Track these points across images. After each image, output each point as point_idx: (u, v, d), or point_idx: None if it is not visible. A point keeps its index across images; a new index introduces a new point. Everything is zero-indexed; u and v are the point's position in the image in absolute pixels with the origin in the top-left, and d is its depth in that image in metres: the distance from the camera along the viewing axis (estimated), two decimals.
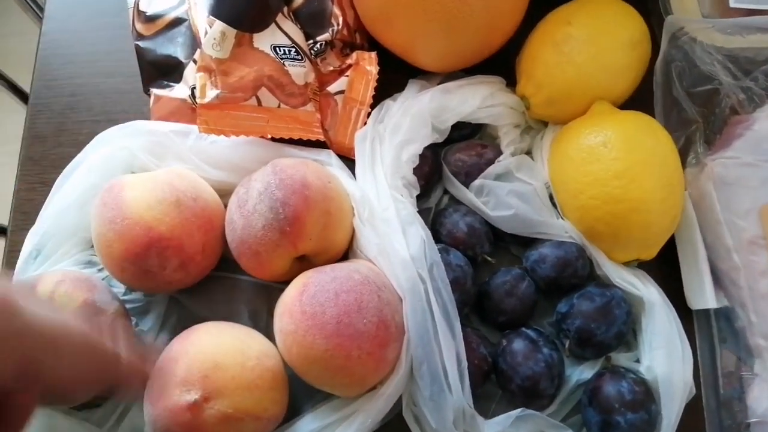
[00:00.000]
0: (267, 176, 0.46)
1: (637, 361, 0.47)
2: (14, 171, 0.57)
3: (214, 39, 0.49)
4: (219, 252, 0.49)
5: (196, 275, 0.48)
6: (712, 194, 0.48)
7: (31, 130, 0.57)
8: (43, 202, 0.50)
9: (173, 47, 0.54)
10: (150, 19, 0.55)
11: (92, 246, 0.51)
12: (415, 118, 0.50)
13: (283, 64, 0.51)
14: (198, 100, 0.48)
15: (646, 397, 0.44)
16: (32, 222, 0.50)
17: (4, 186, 0.64)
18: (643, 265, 0.49)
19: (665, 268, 0.50)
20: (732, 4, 0.52)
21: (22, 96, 0.95)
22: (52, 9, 0.62)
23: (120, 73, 0.59)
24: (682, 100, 0.50)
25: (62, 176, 0.51)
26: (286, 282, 0.47)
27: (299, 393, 0.47)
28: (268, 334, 0.46)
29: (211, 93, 0.49)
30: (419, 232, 0.46)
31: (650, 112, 0.51)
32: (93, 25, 0.61)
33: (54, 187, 0.50)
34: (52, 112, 0.58)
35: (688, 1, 0.52)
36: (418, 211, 0.49)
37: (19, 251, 0.50)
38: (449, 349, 0.43)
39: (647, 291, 0.46)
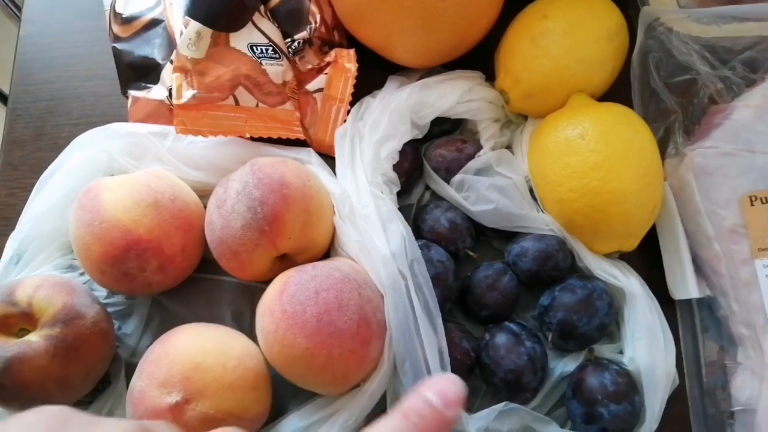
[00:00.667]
0: (245, 176, 0.46)
1: (620, 352, 0.47)
2: None
3: (190, 39, 0.49)
4: (199, 253, 0.49)
5: (176, 277, 0.48)
6: (692, 184, 0.48)
7: (10, 134, 0.57)
8: (23, 207, 0.50)
9: (150, 48, 0.54)
10: (126, 21, 0.54)
11: (73, 250, 0.51)
12: (393, 114, 0.50)
13: (260, 63, 0.51)
14: (174, 101, 0.48)
15: (629, 388, 0.44)
16: (13, 227, 0.50)
17: None
18: (625, 256, 0.49)
19: (647, 258, 0.50)
20: None
21: (4, 100, 0.94)
22: (29, 13, 0.62)
23: (98, 76, 0.59)
24: (660, 91, 0.50)
25: (41, 180, 0.50)
26: (269, 282, 0.46)
27: (284, 393, 0.47)
28: (252, 334, 0.46)
29: (188, 93, 0.48)
30: (399, 228, 0.46)
31: (628, 103, 0.51)
32: (71, 29, 0.61)
33: (33, 191, 0.50)
34: (30, 116, 0.58)
35: None
36: (400, 208, 0.49)
37: (0, 257, 0.49)
38: (431, 345, 0.43)
39: (628, 282, 0.46)
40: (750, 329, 0.46)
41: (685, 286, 0.48)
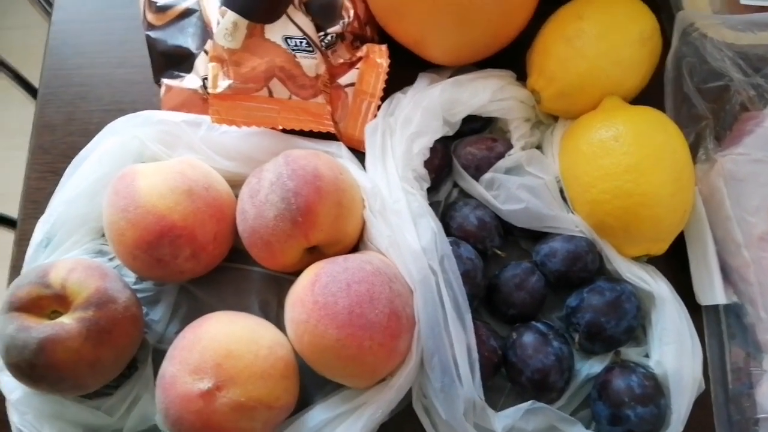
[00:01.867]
0: (279, 167, 0.46)
1: (647, 355, 0.47)
2: (21, 163, 0.57)
3: (226, 29, 0.49)
4: (230, 242, 0.49)
5: (207, 264, 0.48)
6: (722, 190, 0.48)
7: (41, 119, 0.57)
8: (53, 191, 0.50)
9: (184, 38, 0.54)
10: (161, 10, 0.55)
11: (102, 235, 0.51)
12: (426, 110, 0.50)
13: (295, 56, 0.51)
14: (210, 90, 0.49)
15: (655, 391, 0.44)
16: (42, 211, 0.50)
17: (12, 178, 0.64)
18: (652, 261, 0.49)
19: (674, 263, 0.50)
20: (742, 1, 0.52)
21: (29, 88, 0.94)
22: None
23: (130, 63, 0.59)
24: (693, 96, 0.51)
25: (72, 165, 0.51)
26: (296, 273, 0.47)
27: (309, 384, 0.47)
28: (278, 324, 0.46)
29: (223, 83, 0.49)
30: (430, 224, 0.46)
31: (660, 107, 0.51)
32: (103, 16, 0.61)
33: (64, 176, 0.50)
34: (61, 101, 0.58)
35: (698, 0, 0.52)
36: (429, 204, 0.50)
37: (29, 240, 0.50)
38: (460, 341, 0.43)
39: (657, 286, 0.47)
40: None
41: (712, 292, 0.48)
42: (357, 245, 0.50)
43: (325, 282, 0.43)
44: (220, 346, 0.42)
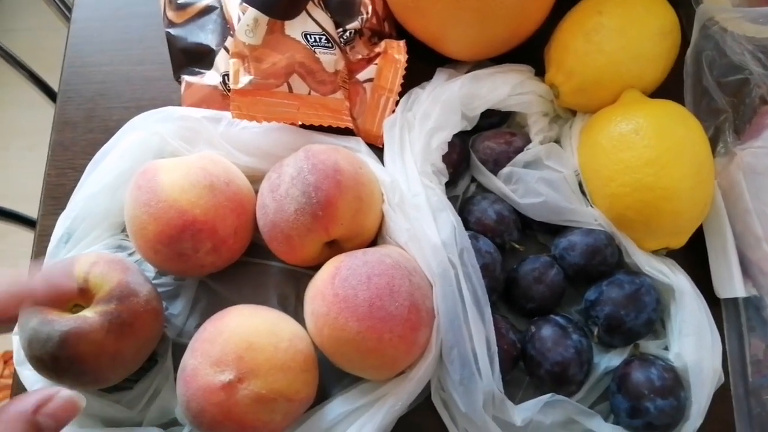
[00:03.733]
0: (299, 161, 0.46)
1: (666, 348, 0.47)
2: (38, 162, 0.57)
3: (247, 25, 0.49)
4: (250, 236, 0.50)
5: (227, 259, 0.49)
6: (741, 183, 0.48)
7: (62, 115, 0.58)
8: (73, 187, 0.51)
9: (204, 35, 0.55)
10: (181, 7, 0.55)
11: (123, 230, 0.52)
12: (445, 105, 0.50)
13: (314, 52, 0.51)
14: (231, 86, 0.49)
15: (675, 383, 0.44)
16: (62, 207, 0.50)
17: (25, 177, 0.65)
18: (671, 254, 0.49)
19: (693, 256, 0.50)
20: None
21: (45, 89, 0.96)
22: None
23: (149, 60, 0.60)
24: (712, 90, 0.50)
25: (93, 161, 0.51)
26: (315, 267, 0.47)
27: (328, 377, 0.47)
28: (297, 319, 0.47)
29: (245, 79, 0.49)
30: (450, 218, 0.46)
31: (679, 101, 0.51)
32: (123, 13, 0.62)
33: (85, 172, 0.51)
34: (82, 98, 0.59)
35: None
36: (447, 199, 0.50)
37: (50, 236, 0.50)
38: (479, 334, 0.44)
39: (677, 279, 0.47)
40: None
41: (731, 285, 0.48)
42: (375, 239, 0.50)
43: (345, 275, 0.43)
44: (241, 338, 0.42)
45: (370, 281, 0.43)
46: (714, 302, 0.49)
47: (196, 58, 0.55)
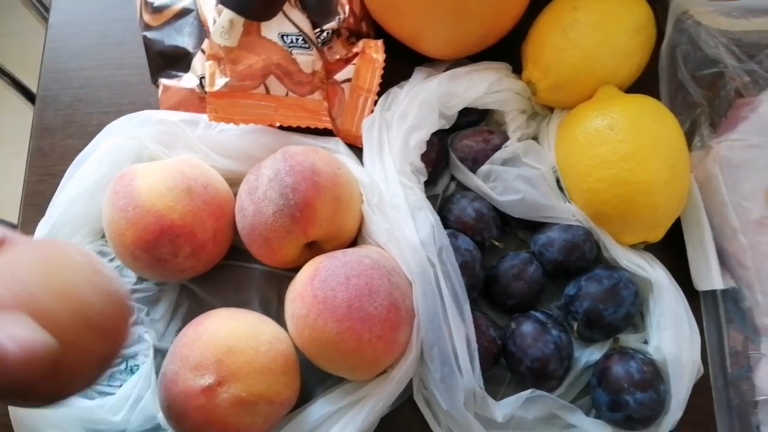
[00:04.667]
0: (277, 163, 0.46)
1: (645, 342, 0.48)
2: (18, 169, 0.57)
3: (223, 27, 0.49)
4: (229, 239, 0.50)
5: (207, 262, 0.49)
6: (718, 176, 0.49)
7: (40, 122, 0.58)
8: (53, 194, 0.51)
9: (181, 37, 0.54)
10: (157, 10, 0.55)
11: (102, 236, 0.52)
12: (422, 104, 0.50)
13: (291, 53, 0.51)
14: (207, 88, 0.49)
15: (654, 376, 0.44)
16: (42, 214, 0.50)
17: (10, 185, 0.64)
18: (649, 248, 0.50)
19: (671, 250, 0.51)
20: None
21: (27, 94, 0.95)
22: (59, 1, 0.62)
23: (128, 64, 0.60)
24: (688, 84, 0.51)
25: (72, 166, 0.51)
26: (296, 269, 0.47)
27: (310, 378, 0.48)
28: (279, 321, 0.47)
29: (221, 81, 0.49)
30: (428, 217, 0.46)
31: (655, 95, 0.51)
32: (100, 18, 0.62)
33: (64, 177, 0.51)
34: (60, 104, 0.58)
35: None
36: (426, 198, 0.50)
37: None
38: (459, 332, 0.44)
39: (655, 273, 0.47)
40: None
41: (709, 277, 0.48)
42: (355, 240, 0.50)
43: (324, 276, 0.43)
44: (220, 342, 0.42)
45: (348, 282, 0.43)
46: (693, 295, 0.49)
47: (173, 61, 0.54)
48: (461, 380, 0.43)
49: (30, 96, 0.95)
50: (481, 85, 0.51)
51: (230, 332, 0.43)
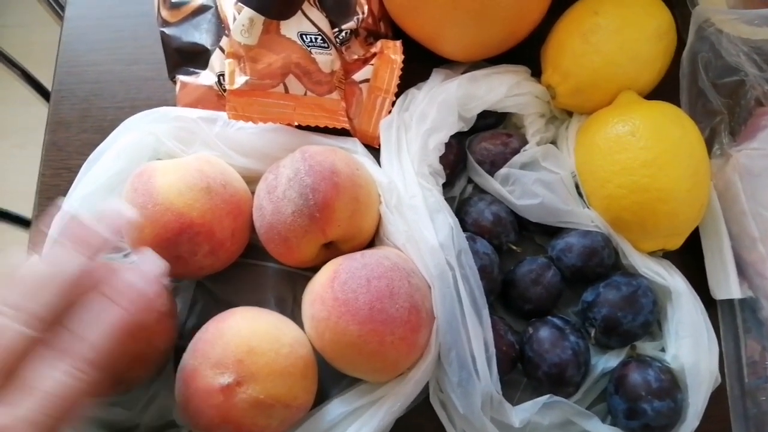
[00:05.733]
0: (296, 163, 0.46)
1: (663, 350, 0.48)
2: (28, 160, 0.57)
3: (243, 26, 0.49)
4: (247, 237, 0.49)
5: (225, 260, 0.48)
6: (737, 185, 0.49)
7: (55, 115, 0.57)
8: (68, 187, 0.50)
9: (199, 34, 0.54)
10: (175, 6, 0.55)
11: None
12: (441, 106, 0.50)
13: (310, 52, 0.51)
14: (227, 86, 0.49)
15: (672, 385, 0.44)
16: None
17: (16, 176, 0.64)
18: (667, 255, 0.50)
19: (689, 258, 0.50)
20: None
21: (38, 87, 0.94)
22: None
23: (143, 60, 0.59)
24: (708, 92, 0.51)
25: (88, 162, 0.51)
26: (312, 269, 0.47)
27: (326, 378, 0.47)
28: (294, 321, 0.46)
29: (240, 79, 0.49)
30: (447, 219, 0.46)
31: (675, 102, 0.51)
32: (116, 12, 0.61)
33: (80, 172, 0.50)
34: (76, 98, 0.58)
35: None
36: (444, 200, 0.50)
37: (44, 237, 0.50)
38: (477, 336, 0.44)
39: (673, 280, 0.47)
40: None
41: (727, 286, 0.48)
42: (373, 241, 0.50)
43: (344, 278, 0.43)
44: (242, 341, 0.42)
45: (369, 284, 0.42)
46: (710, 303, 0.49)
47: (191, 57, 0.54)
48: (479, 384, 0.43)
49: (38, 87, 0.94)
50: (501, 88, 0.51)
51: (252, 332, 0.43)
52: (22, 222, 0.88)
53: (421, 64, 0.55)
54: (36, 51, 0.96)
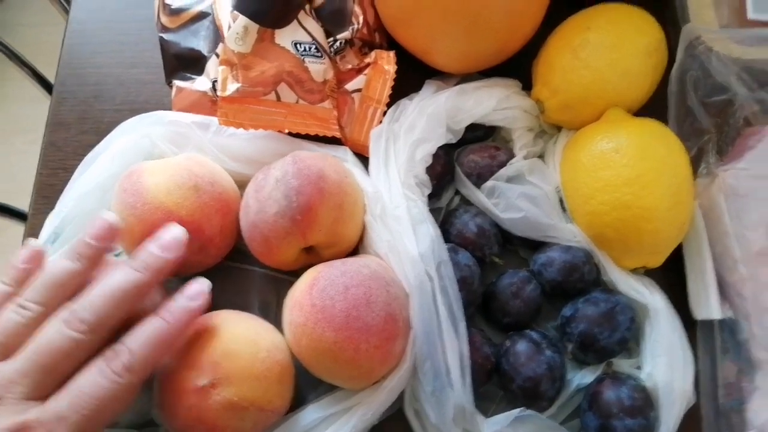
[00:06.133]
0: (286, 165, 0.47)
1: (638, 368, 0.48)
2: (36, 158, 0.58)
3: (237, 33, 0.50)
4: (235, 235, 0.50)
5: (215, 256, 0.50)
6: (722, 205, 0.48)
7: (55, 116, 0.59)
8: (64, 187, 0.52)
9: (196, 41, 0.55)
10: (174, 12, 0.56)
11: None
12: (430, 117, 0.50)
13: (303, 61, 0.52)
14: (219, 93, 0.50)
15: (645, 403, 0.44)
16: (52, 206, 0.51)
17: (26, 173, 0.66)
18: (650, 273, 0.50)
19: (670, 276, 0.51)
20: (750, 15, 0.52)
21: (46, 85, 0.97)
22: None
23: (144, 64, 0.61)
24: (696, 110, 0.51)
25: (84, 162, 0.52)
26: (295, 273, 0.48)
27: (304, 384, 0.48)
28: (277, 325, 0.47)
29: (232, 86, 0.50)
30: (429, 230, 0.47)
31: (664, 119, 0.51)
32: (119, 16, 0.63)
33: (76, 172, 0.52)
34: (76, 99, 0.59)
35: (705, 12, 0.52)
36: (429, 211, 0.50)
37: (38, 234, 0.51)
38: (453, 347, 0.44)
39: (653, 298, 0.47)
40: None
41: (707, 306, 0.48)
42: (357, 249, 0.51)
43: (322, 285, 0.44)
44: (220, 344, 0.43)
45: (347, 291, 0.43)
46: (691, 323, 0.49)
47: (188, 63, 0.55)
48: (452, 395, 0.43)
49: (48, 87, 0.96)
50: (490, 102, 0.51)
51: (231, 335, 0.44)
52: (23, 217, 0.90)
53: (414, 74, 0.55)
54: (48, 50, 0.98)
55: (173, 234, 0.41)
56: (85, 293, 0.38)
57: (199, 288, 0.41)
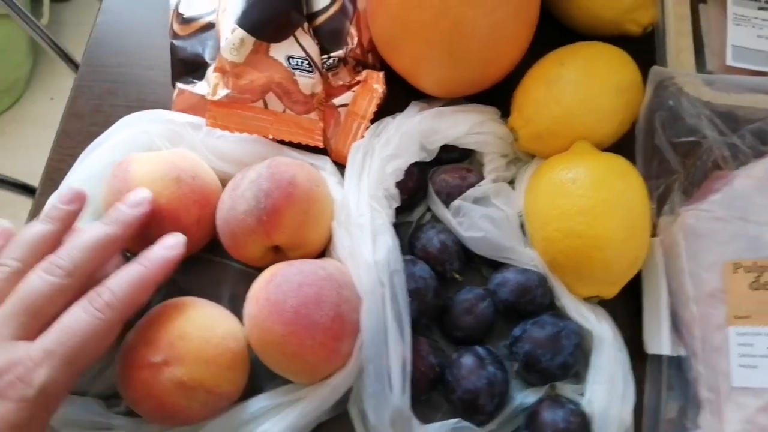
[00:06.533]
0: (261, 168, 0.50)
1: (582, 394, 0.48)
2: None
3: (233, 45, 0.54)
4: (212, 228, 0.53)
5: (192, 246, 0.52)
6: (680, 243, 0.49)
7: (72, 108, 0.64)
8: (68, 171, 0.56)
9: (202, 48, 0.59)
10: (186, 21, 0.60)
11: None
12: (404, 135, 0.53)
13: (293, 74, 0.55)
14: (209, 97, 0.53)
15: (579, 428, 0.45)
16: (56, 188, 0.56)
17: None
18: (610, 302, 0.50)
19: (631, 307, 0.51)
20: (728, 62, 0.53)
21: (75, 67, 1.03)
22: (109, 3, 0.69)
23: (159, 66, 0.65)
24: (665, 149, 0.52)
25: (86, 151, 0.56)
26: (263, 269, 0.51)
27: (262, 374, 0.50)
28: (242, 318, 0.50)
29: (222, 92, 0.54)
30: (387, 241, 0.49)
31: (634, 157, 0.52)
32: (144, 21, 0.68)
33: (78, 159, 0.56)
34: (92, 94, 0.64)
35: (684, 55, 0.54)
36: (400, 224, 0.53)
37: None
38: (397, 353, 0.46)
39: (600, 327, 0.48)
40: (714, 394, 0.46)
41: (659, 341, 0.49)
42: (323, 253, 0.54)
43: (278, 282, 0.46)
44: (178, 326, 0.46)
45: (300, 289, 0.46)
46: (643, 356, 0.50)
47: (192, 68, 0.60)
48: (390, 398, 0.45)
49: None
50: (464, 126, 0.54)
51: (188, 320, 0.47)
52: None
53: (405, 95, 0.58)
54: None
55: (139, 194, 0.47)
56: (61, 247, 0.43)
57: (175, 240, 0.46)
